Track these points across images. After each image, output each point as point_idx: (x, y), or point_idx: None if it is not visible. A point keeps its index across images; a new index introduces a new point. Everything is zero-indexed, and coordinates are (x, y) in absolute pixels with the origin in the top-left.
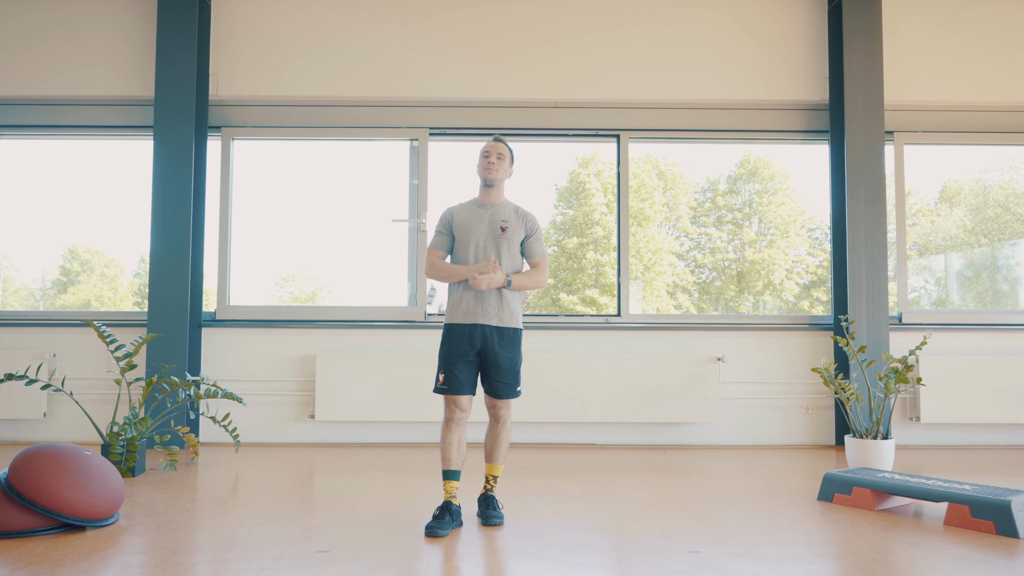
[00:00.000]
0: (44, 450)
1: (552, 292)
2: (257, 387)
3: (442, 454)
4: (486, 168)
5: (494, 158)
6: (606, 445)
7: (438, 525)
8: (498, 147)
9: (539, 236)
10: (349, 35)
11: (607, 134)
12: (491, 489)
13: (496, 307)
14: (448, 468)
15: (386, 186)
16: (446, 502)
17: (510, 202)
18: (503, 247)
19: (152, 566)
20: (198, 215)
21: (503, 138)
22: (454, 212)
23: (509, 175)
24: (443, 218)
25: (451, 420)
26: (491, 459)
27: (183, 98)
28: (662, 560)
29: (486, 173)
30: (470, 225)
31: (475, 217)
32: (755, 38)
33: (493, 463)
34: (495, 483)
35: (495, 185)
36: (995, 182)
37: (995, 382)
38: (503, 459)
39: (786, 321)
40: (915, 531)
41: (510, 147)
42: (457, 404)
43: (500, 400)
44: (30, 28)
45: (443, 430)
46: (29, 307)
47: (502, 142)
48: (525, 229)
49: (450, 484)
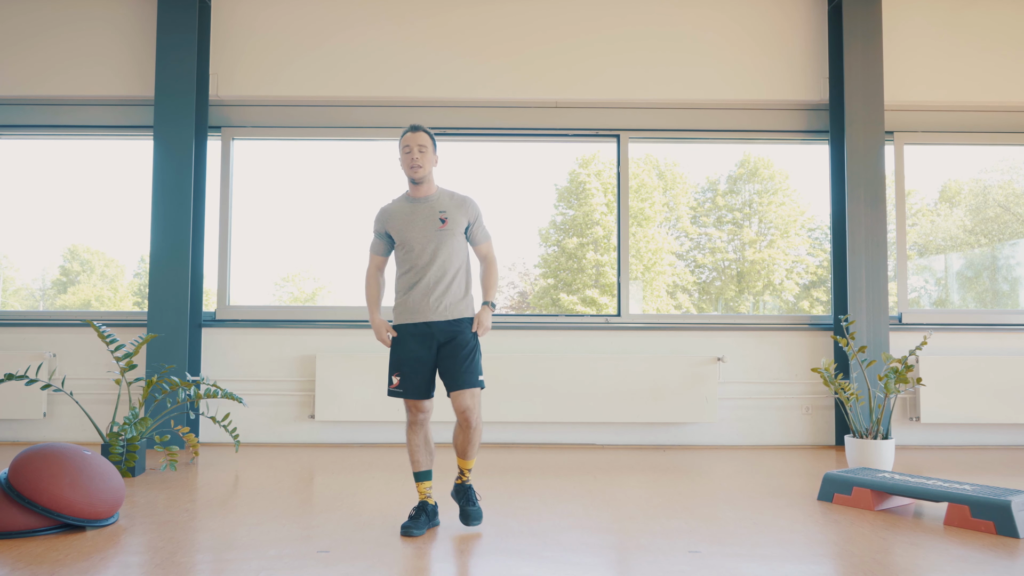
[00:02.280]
0: (44, 450)
1: (552, 292)
2: (257, 387)
3: (410, 457)
4: (410, 165)
5: (416, 152)
6: (606, 445)
7: (413, 525)
8: (418, 138)
9: (481, 220)
10: (349, 35)
11: (607, 134)
12: (466, 480)
13: (443, 301)
14: (418, 470)
15: (386, 186)
16: (422, 502)
17: (443, 190)
18: (445, 240)
19: (152, 566)
20: (198, 215)
21: (421, 125)
22: (388, 212)
23: (435, 163)
24: (377, 219)
25: (413, 423)
26: (463, 456)
27: (183, 98)
28: (662, 560)
29: (412, 172)
30: (407, 223)
31: (411, 214)
32: (755, 38)
33: (465, 459)
34: (469, 474)
35: (423, 181)
36: (995, 182)
37: (995, 382)
38: (475, 454)
39: (786, 321)
40: (915, 531)
41: (430, 133)
42: (417, 407)
43: (465, 393)
44: (30, 28)
45: (407, 433)
46: (29, 307)
47: (421, 130)
48: (467, 216)
49: (423, 485)
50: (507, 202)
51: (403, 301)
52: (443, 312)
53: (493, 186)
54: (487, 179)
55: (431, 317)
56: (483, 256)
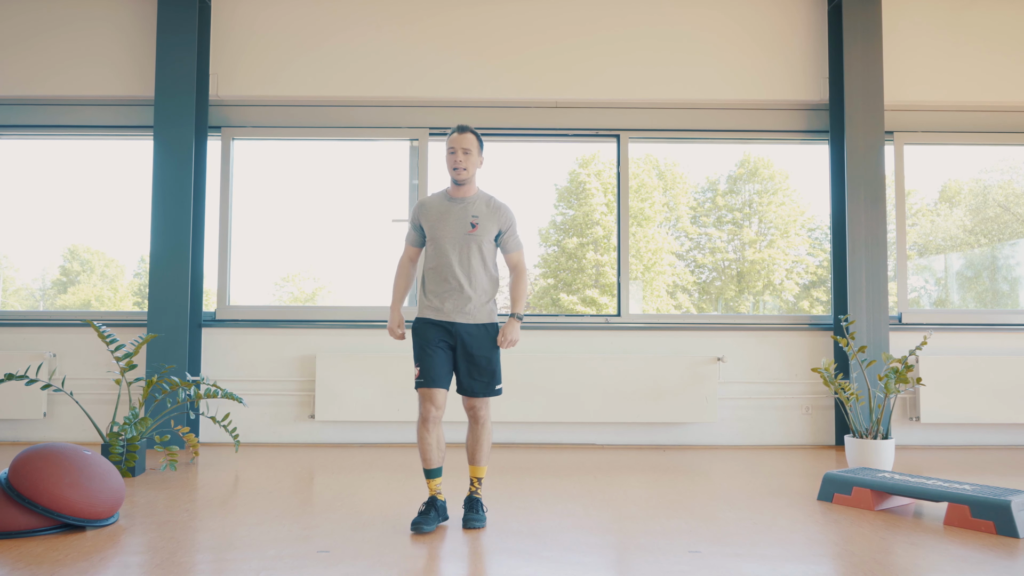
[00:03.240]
0: (44, 450)
1: (552, 292)
2: (257, 387)
3: (421, 455)
4: (453, 166)
5: (460, 155)
6: (606, 445)
7: (423, 521)
8: (464, 140)
9: (514, 230)
10: (349, 35)
11: (607, 134)
12: (476, 491)
13: (467, 305)
14: (429, 467)
15: (386, 186)
16: (431, 498)
17: (482, 193)
18: (472, 245)
19: (152, 566)
20: (198, 215)
21: (469, 127)
22: (425, 206)
23: (479, 165)
24: (414, 212)
25: (427, 419)
26: (474, 461)
27: (183, 98)
28: (662, 560)
29: (455, 175)
30: (440, 221)
31: (445, 212)
32: (755, 38)
33: (476, 465)
34: (480, 485)
35: (466, 183)
36: (995, 182)
37: (995, 382)
38: (486, 460)
39: (786, 321)
40: (915, 531)
41: (477, 134)
42: (432, 401)
43: (477, 400)
44: (30, 28)
45: (419, 430)
46: (29, 307)
47: (469, 131)
48: (499, 224)
49: (433, 482)
50: (507, 202)
51: (428, 299)
52: (466, 315)
53: (493, 186)
54: (487, 179)
55: (455, 319)
56: (513, 266)
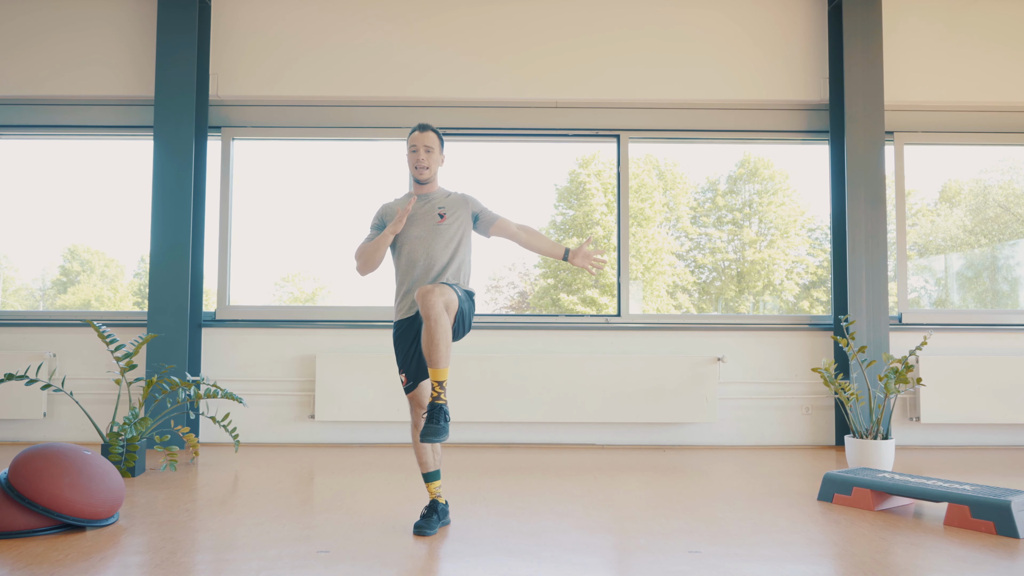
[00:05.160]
0: (44, 450)
1: (552, 292)
2: (257, 387)
3: (418, 459)
4: (415, 165)
5: (423, 152)
6: (606, 445)
7: (426, 524)
8: (425, 138)
9: (484, 204)
10: (349, 35)
11: (607, 134)
12: (438, 397)
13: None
14: (427, 471)
15: (386, 186)
16: (432, 501)
17: (442, 188)
18: (442, 236)
19: (152, 566)
20: (198, 215)
21: (429, 125)
22: (389, 208)
23: (441, 163)
24: (378, 214)
25: (418, 424)
26: (430, 361)
27: (183, 98)
28: (662, 560)
29: (417, 173)
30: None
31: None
32: (755, 38)
33: (435, 367)
34: (442, 389)
35: (428, 181)
36: (995, 182)
37: (995, 382)
38: (445, 361)
39: (786, 321)
40: (915, 531)
41: (438, 132)
42: (422, 405)
43: (425, 294)
44: (30, 28)
45: (414, 435)
46: (29, 307)
47: (430, 129)
48: (470, 208)
49: (433, 485)
50: (507, 202)
51: (401, 299)
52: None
53: (493, 186)
54: (487, 179)
55: None
56: (514, 230)
